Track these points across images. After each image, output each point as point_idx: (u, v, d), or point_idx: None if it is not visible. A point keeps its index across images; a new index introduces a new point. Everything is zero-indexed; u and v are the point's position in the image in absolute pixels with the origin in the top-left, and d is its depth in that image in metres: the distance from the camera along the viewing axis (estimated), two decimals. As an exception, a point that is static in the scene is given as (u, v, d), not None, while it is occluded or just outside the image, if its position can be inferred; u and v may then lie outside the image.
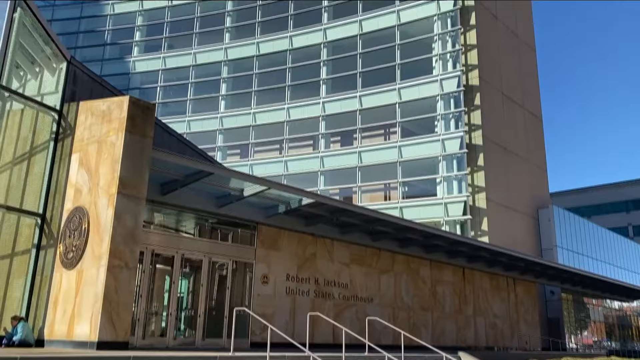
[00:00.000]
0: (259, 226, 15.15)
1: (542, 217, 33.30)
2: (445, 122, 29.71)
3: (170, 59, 37.69)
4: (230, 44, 36.68)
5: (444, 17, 31.21)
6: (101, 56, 38.74)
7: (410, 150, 29.97)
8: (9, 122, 12.45)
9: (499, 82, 32.50)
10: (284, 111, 33.78)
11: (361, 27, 33.25)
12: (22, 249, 11.87)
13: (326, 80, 33.54)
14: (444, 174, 28.75)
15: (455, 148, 28.84)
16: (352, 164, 31.03)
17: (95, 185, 10.95)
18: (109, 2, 40.02)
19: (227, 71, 36.40)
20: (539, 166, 35.52)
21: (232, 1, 37.70)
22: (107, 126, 11.15)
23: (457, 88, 29.60)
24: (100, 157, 11.05)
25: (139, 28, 39.15)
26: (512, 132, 32.90)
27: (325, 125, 32.80)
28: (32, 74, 13.13)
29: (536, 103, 36.98)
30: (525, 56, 36.67)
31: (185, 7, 38.42)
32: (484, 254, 21.32)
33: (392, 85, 31.28)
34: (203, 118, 35.79)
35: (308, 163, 32.37)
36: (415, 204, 29.28)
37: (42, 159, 12.26)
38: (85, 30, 40.06)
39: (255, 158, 33.96)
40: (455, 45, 30.44)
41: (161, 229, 13.55)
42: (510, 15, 35.41)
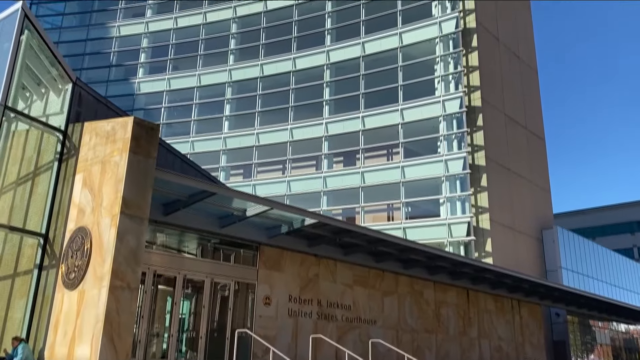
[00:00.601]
0: (262, 247, 15.09)
1: (546, 238, 33.10)
2: (448, 143, 29.77)
3: (174, 80, 38.05)
4: (235, 65, 37.05)
5: (446, 39, 31.51)
6: (106, 77, 39.15)
7: (413, 170, 29.98)
8: (14, 143, 12.54)
9: (501, 103, 32.63)
10: (287, 132, 33.93)
11: (364, 49, 33.57)
12: (24, 269, 11.84)
13: (329, 101, 33.75)
14: (447, 194, 28.70)
15: (458, 169, 28.84)
16: (355, 184, 31.03)
17: (99, 206, 10.95)
18: (115, 24, 40.59)
19: (231, 92, 36.70)
20: (542, 187, 35.44)
21: (236, 24, 38.19)
22: (111, 146, 11.20)
23: (459, 109, 29.73)
24: (104, 177, 11.07)
25: (144, 50, 39.62)
26: (515, 153, 32.92)
27: (328, 145, 32.90)
28: (38, 95, 13.26)
29: (539, 124, 37.06)
30: (527, 77, 36.89)
31: (190, 29, 38.91)
32: (488, 275, 21.14)
33: (395, 106, 31.44)
34: (207, 138, 35.97)
35: (311, 183, 32.39)
36: (419, 224, 29.17)
37: (46, 179, 12.30)
38: (91, 52, 40.55)
39: (258, 178, 34.01)
40: (457, 67, 30.66)
41: (163, 250, 13.51)
42: (511, 37, 35.72)
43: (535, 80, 37.98)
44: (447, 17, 31.53)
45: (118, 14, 40.94)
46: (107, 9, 41.44)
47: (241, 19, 38.13)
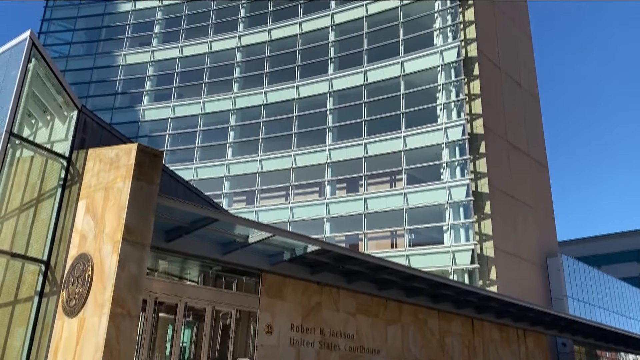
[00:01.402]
0: (264, 274, 14.99)
1: (551, 267, 32.80)
2: (451, 170, 29.80)
3: (179, 107, 38.44)
4: (239, 93, 37.46)
5: (448, 67, 31.84)
6: (112, 105, 39.58)
7: (416, 197, 29.95)
8: (18, 169, 12.61)
9: (504, 131, 32.77)
10: (290, 158, 34.07)
11: (366, 77, 33.93)
12: (24, 296, 11.76)
13: (332, 128, 33.97)
14: (451, 221, 28.59)
15: (462, 196, 28.80)
16: (358, 210, 30.97)
17: (101, 232, 10.94)
18: (122, 53, 41.23)
19: (235, 119, 37.01)
20: (546, 214, 35.30)
21: (240, 53, 38.74)
22: (114, 173, 11.25)
23: (462, 136, 29.85)
24: (107, 203, 11.10)
25: (150, 78, 40.15)
26: (518, 180, 32.90)
27: (331, 172, 32.98)
28: (43, 122, 13.39)
29: (542, 151, 37.13)
30: (529, 105, 37.12)
31: (196, 58, 39.48)
32: (493, 304, 20.89)
33: (398, 133, 31.60)
34: (210, 165, 36.13)
35: (314, 210, 32.35)
36: (422, 252, 29.00)
37: (49, 205, 12.32)
38: (97, 80, 41.10)
39: (261, 204, 34.01)
40: (459, 95, 30.91)
41: (165, 277, 13.44)
42: (512, 65, 36.09)
43: (537, 108, 38.21)
44: (448, 46, 31.94)
45: (124, 42, 41.61)
46: (114, 38, 42.16)
47: (246, 48, 38.71)
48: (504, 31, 36.17)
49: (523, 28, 39.56)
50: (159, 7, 41.99)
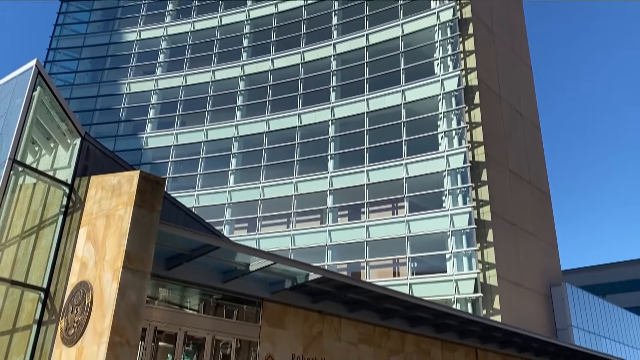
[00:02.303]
0: (264, 303, 14.83)
1: (555, 296, 32.43)
2: (453, 198, 29.76)
3: (182, 135, 38.68)
4: (241, 121, 37.73)
5: (449, 96, 32.12)
6: (115, 132, 39.86)
7: (418, 225, 29.84)
8: (20, 196, 12.63)
9: (505, 159, 32.84)
10: (292, 185, 34.10)
11: (368, 105, 34.21)
12: (23, 324, 11.64)
13: (334, 156, 34.08)
14: (454, 249, 28.41)
15: (464, 223, 28.68)
16: (360, 238, 30.83)
17: (101, 259, 10.89)
18: (126, 81, 41.72)
19: (237, 147, 37.19)
20: (549, 243, 35.09)
21: (244, 81, 39.18)
22: (116, 200, 11.26)
23: (463, 164, 29.91)
24: (108, 230, 11.07)
25: (153, 106, 40.53)
26: (520, 208, 32.81)
27: (332, 199, 32.95)
28: (47, 149, 13.47)
29: (543, 179, 37.13)
30: (530, 133, 37.29)
31: (199, 86, 39.92)
32: (496, 334, 20.59)
33: (399, 161, 31.68)
34: (212, 192, 36.16)
35: (315, 237, 32.22)
36: (425, 280, 28.74)
37: (50, 232, 12.30)
38: (101, 108, 41.49)
39: (263, 232, 33.89)
40: (460, 123, 31.08)
41: (165, 305, 13.30)
42: (513, 94, 36.40)
43: (538, 136, 38.37)
44: (449, 75, 32.29)
45: (129, 71, 42.14)
46: (119, 67, 42.72)
47: (248, 77, 39.16)
48: (504, 61, 36.60)
49: (523, 57, 40.04)
50: (164, 37, 42.67)
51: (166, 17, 43.48)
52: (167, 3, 44.10)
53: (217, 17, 41.67)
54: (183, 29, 42.39)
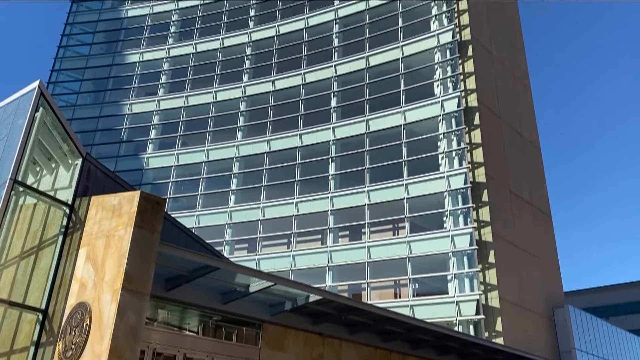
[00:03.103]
0: (264, 325, 14.69)
1: (558, 318, 32.11)
2: (453, 218, 29.69)
3: (183, 155, 38.80)
4: (242, 141, 37.87)
5: (448, 117, 32.29)
6: (116, 153, 39.98)
7: (419, 245, 29.72)
8: (20, 216, 12.62)
9: (506, 180, 32.85)
10: (292, 205, 34.06)
11: (368, 126, 34.37)
12: (20, 346, 11.52)
13: (334, 176, 34.12)
14: (455, 271, 28.24)
15: (465, 244, 28.56)
16: (361, 259, 30.68)
17: (100, 280, 10.83)
18: (128, 102, 42.01)
19: (238, 167, 37.27)
20: (551, 264, 34.89)
21: (245, 102, 39.45)
22: (116, 220, 11.24)
23: (464, 185, 29.91)
24: (108, 251, 11.03)
25: (155, 126, 40.73)
26: (521, 229, 32.71)
27: (333, 219, 32.88)
28: (48, 170, 13.51)
29: (544, 200, 37.09)
30: (530, 154, 37.38)
31: (201, 107, 40.19)
32: (499, 356, 20.34)
33: (400, 181, 31.69)
34: (212, 212, 36.11)
35: (316, 258, 32.06)
36: (427, 302, 28.50)
37: (50, 253, 12.25)
38: (103, 129, 41.69)
39: (263, 252, 33.74)
40: (461, 144, 31.17)
41: (164, 327, 13.18)
42: (513, 115, 36.59)
43: (538, 157, 38.45)
44: (449, 96, 32.49)
45: (131, 92, 42.46)
46: (121, 88, 43.06)
47: (250, 98, 39.44)
48: (504, 82, 36.88)
49: (522, 79, 40.35)
50: (166, 59, 43.10)
51: (168, 39, 43.98)
52: (169, 25, 44.65)
53: (219, 39, 42.15)
54: (185, 50, 42.84)
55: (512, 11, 43.14)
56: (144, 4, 46.19)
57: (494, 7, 39.57)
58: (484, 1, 37.66)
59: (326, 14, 39.42)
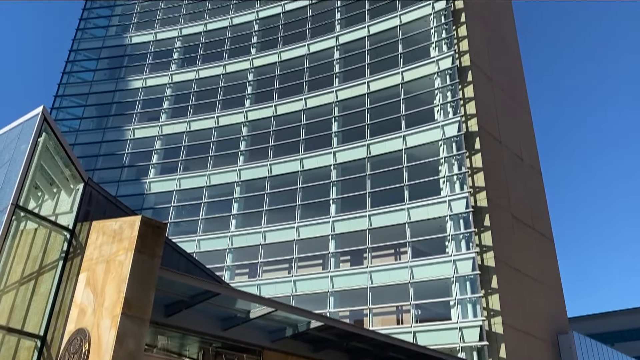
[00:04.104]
0: (265, 351, 14.51)
1: (563, 344, 31.67)
2: (456, 243, 29.55)
3: (185, 180, 38.87)
4: (244, 166, 37.98)
5: (449, 141, 32.41)
6: (118, 177, 40.07)
7: (422, 270, 29.51)
8: (21, 241, 12.59)
9: (507, 204, 32.80)
10: (293, 230, 33.96)
11: (369, 150, 34.49)
12: (17, 373, 11.36)
13: (336, 200, 34.10)
14: (458, 296, 27.97)
15: (468, 269, 28.36)
16: (362, 284, 30.42)
17: (100, 306, 10.74)
18: (130, 127, 42.29)
19: (240, 191, 37.29)
20: (554, 289, 34.57)
21: (247, 127, 39.68)
22: (117, 245, 11.21)
23: (465, 209, 29.84)
24: (108, 276, 10.97)
25: (157, 151, 40.91)
26: (524, 254, 32.52)
27: (335, 244, 32.74)
28: (50, 194, 13.53)
29: (546, 224, 36.96)
30: (531, 178, 37.40)
31: (203, 132, 40.42)
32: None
33: (401, 205, 31.64)
34: (213, 237, 35.99)
35: (317, 283, 31.81)
36: (429, 328, 28.17)
37: (50, 278, 12.19)
38: (105, 154, 41.87)
39: (264, 278, 33.51)
40: (462, 168, 31.21)
41: (163, 353, 13.01)
42: (513, 139, 36.73)
43: (539, 181, 38.46)
44: (449, 121, 32.67)
45: (134, 117, 42.76)
46: (124, 113, 43.40)
47: (251, 123, 39.70)
48: (504, 107, 37.14)
49: (522, 103, 40.65)
50: (169, 85, 43.55)
51: (171, 65, 44.50)
52: (172, 52, 45.24)
53: (221, 66, 42.64)
54: (188, 76, 43.30)
55: (511, 37, 43.73)
56: (148, 31, 46.89)
57: (493, 34, 40.13)
58: (483, 28, 38.20)
59: (327, 40, 39.95)
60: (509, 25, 44.30)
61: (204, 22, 45.42)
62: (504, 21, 43.48)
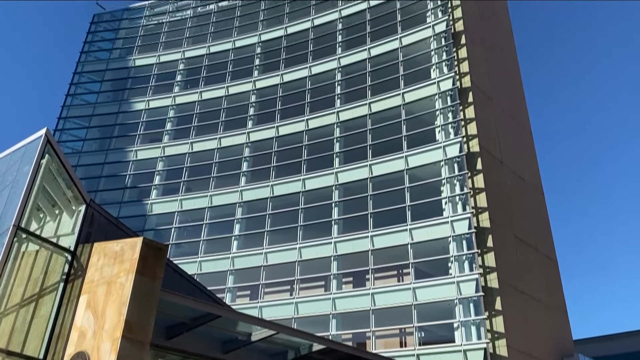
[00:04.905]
0: (267, 374, 14.33)
1: (569, 367, 31.25)
2: (459, 264, 29.37)
3: (186, 201, 38.88)
4: (246, 186, 38.02)
5: (451, 162, 32.45)
6: (120, 199, 40.11)
7: (425, 292, 29.27)
8: (22, 263, 12.55)
9: (510, 225, 32.68)
10: (295, 251, 33.82)
11: (371, 171, 34.54)
12: (15, 398, 11.22)
13: (338, 221, 34.02)
14: (461, 318, 27.70)
15: (471, 291, 28.12)
16: (365, 306, 30.17)
17: (100, 329, 10.65)
18: (133, 149, 42.50)
19: (241, 212, 37.25)
20: (559, 311, 34.23)
21: (249, 148, 39.85)
22: (118, 267, 11.17)
23: (468, 230, 29.73)
24: (109, 298, 10.90)
25: (159, 172, 41.02)
26: (528, 275, 32.28)
27: (337, 265, 32.56)
28: (51, 216, 13.53)
29: (550, 245, 36.77)
30: (534, 199, 37.32)
31: (205, 153, 40.58)
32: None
33: (404, 226, 31.55)
34: (215, 258, 35.85)
35: (319, 305, 31.55)
36: (433, 351, 27.82)
37: (50, 300, 12.12)
38: (108, 175, 42.00)
39: (265, 300, 33.26)
40: (464, 189, 31.18)
41: (164, 377, 12.85)
42: (515, 160, 36.77)
43: (542, 202, 38.37)
44: (450, 141, 32.77)
45: (136, 139, 42.99)
46: (127, 135, 43.66)
47: (254, 144, 39.87)
48: (505, 127, 37.27)
49: (523, 123, 40.80)
50: (172, 106, 43.88)
51: (174, 87, 44.90)
52: (176, 74, 45.68)
53: (224, 88, 43.01)
54: (191, 98, 43.66)
55: (511, 59, 44.12)
56: (151, 54, 47.44)
57: (493, 55, 40.49)
58: (483, 49, 38.57)
59: (329, 62, 40.34)
60: (509, 45, 44.74)
61: (207, 45, 45.97)
62: (504, 42, 43.92)
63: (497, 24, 43.89)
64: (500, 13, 45.50)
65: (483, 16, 41.34)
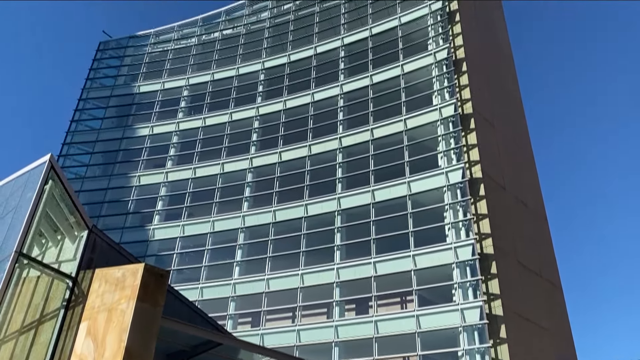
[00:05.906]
0: (268, 404, 14.08)
1: (576, 396, 30.61)
2: (462, 291, 29.06)
3: (189, 226, 38.79)
4: (248, 212, 37.96)
5: (453, 188, 32.41)
6: (122, 224, 40.04)
7: (428, 320, 28.90)
8: (23, 289, 12.47)
9: (514, 251, 32.45)
10: (297, 277, 33.56)
11: (374, 196, 34.50)
12: None
13: (340, 247, 33.83)
14: (466, 347, 27.28)
15: (475, 318, 27.77)
16: (368, 334, 29.76)
17: (100, 356, 10.52)
18: (136, 174, 42.61)
19: (243, 238, 37.11)
20: (564, 338, 33.72)
21: (251, 173, 39.94)
22: (119, 294, 11.09)
23: (472, 256, 29.52)
24: (109, 325, 10.80)
25: (162, 198, 41.04)
26: (532, 301, 31.90)
27: (339, 292, 32.24)
28: (53, 242, 13.49)
29: (554, 272, 36.45)
30: (537, 225, 37.14)
31: (208, 178, 40.66)
32: None
33: (407, 252, 31.34)
34: (216, 285, 35.56)
35: (322, 333, 31.15)
36: (437, 379, 27.34)
37: (50, 327, 11.99)
38: (110, 200, 42.01)
39: (267, 327, 32.86)
40: (467, 215, 31.06)
41: (163, 407, 12.64)
42: (518, 186, 36.73)
43: (545, 228, 38.18)
44: (453, 167, 32.80)
45: (140, 165, 43.15)
46: (130, 160, 43.84)
47: (256, 169, 39.97)
48: (507, 153, 37.34)
49: (525, 149, 40.91)
50: (175, 132, 44.17)
51: (178, 113, 45.28)
52: (180, 100, 46.13)
53: (227, 114, 43.35)
54: (194, 124, 43.97)
55: (512, 84, 44.50)
56: (156, 81, 47.98)
57: (495, 81, 40.85)
58: (484, 76, 38.92)
59: (331, 89, 40.73)
60: (510, 71, 45.18)
61: (211, 72, 46.52)
62: (505, 68, 44.37)
63: (497, 51, 44.39)
64: (501, 40, 46.08)
65: (484, 43, 41.85)
